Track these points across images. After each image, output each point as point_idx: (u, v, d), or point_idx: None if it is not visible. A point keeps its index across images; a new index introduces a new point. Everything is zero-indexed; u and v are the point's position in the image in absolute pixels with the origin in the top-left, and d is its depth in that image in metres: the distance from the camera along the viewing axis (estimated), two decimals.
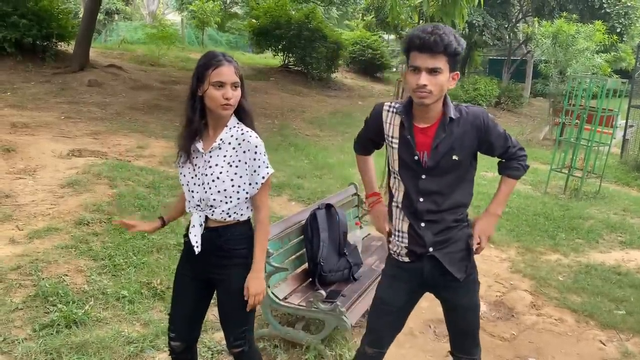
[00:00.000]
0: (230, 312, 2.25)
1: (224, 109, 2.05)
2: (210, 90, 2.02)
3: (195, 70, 2.08)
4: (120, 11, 25.94)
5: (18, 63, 10.99)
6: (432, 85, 1.93)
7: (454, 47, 1.91)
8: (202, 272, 2.23)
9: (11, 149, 6.17)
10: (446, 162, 2.07)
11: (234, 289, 2.18)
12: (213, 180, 2.10)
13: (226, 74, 2.03)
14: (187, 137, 2.12)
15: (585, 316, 4.07)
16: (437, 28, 1.93)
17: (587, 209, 7.02)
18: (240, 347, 2.27)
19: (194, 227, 2.16)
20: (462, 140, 2.07)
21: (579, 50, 13.23)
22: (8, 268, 3.74)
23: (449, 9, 6.27)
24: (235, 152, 2.11)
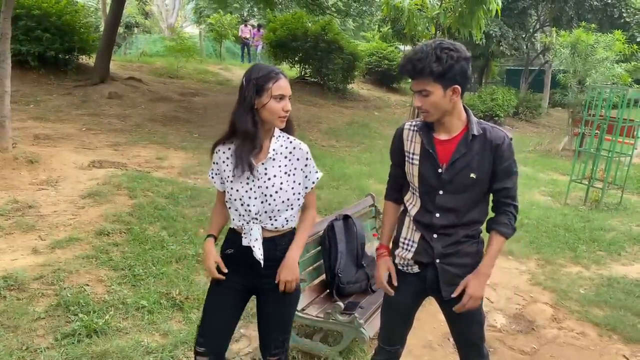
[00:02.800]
0: (275, 320, 2.28)
1: (281, 121, 2.13)
2: (271, 103, 2.08)
3: (252, 83, 2.09)
4: (139, 24, 26.39)
5: (41, 76, 11.23)
6: (427, 106, 2.00)
7: (429, 70, 1.92)
8: (250, 282, 2.25)
9: (34, 160, 6.29)
10: (463, 178, 2.07)
11: (284, 300, 2.23)
12: (276, 192, 2.14)
13: (285, 87, 2.12)
14: (249, 152, 2.10)
15: (607, 330, 3.99)
16: (415, 53, 1.97)
17: (608, 221, 6.91)
18: (279, 355, 2.30)
19: (257, 240, 2.16)
20: (482, 158, 2.06)
21: (599, 60, 13.10)
22: (31, 277, 3.80)
23: (466, 20, 6.28)
24: (289, 161, 2.17)
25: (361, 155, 9.87)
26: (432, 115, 2.03)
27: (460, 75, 1.96)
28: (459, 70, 1.94)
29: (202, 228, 5.04)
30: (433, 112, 2.01)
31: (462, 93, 2.03)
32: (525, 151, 13.20)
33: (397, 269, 2.32)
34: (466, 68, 1.97)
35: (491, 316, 4.13)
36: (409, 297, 2.32)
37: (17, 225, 4.67)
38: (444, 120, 2.06)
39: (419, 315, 3.96)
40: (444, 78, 1.94)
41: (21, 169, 6.05)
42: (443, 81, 1.95)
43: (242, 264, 2.22)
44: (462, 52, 1.96)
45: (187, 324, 3.52)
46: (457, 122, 2.07)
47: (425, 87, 1.97)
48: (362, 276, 3.64)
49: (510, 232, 2.19)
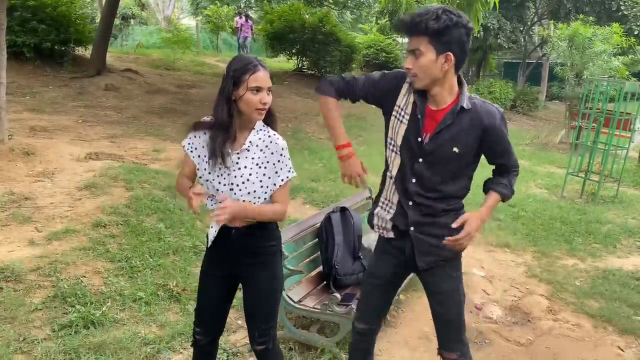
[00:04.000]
0: (258, 308, 2.30)
1: (259, 113, 2.10)
2: (248, 95, 2.06)
3: (230, 75, 2.09)
4: (136, 16, 26.25)
5: (37, 68, 11.16)
6: (416, 68, 1.93)
7: (424, 25, 1.86)
8: (231, 270, 2.28)
9: (30, 152, 6.26)
10: (445, 151, 2.03)
11: (263, 287, 2.25)
12: (243, 182, 2.14)
13: (263, 79, 2.08)
14: (222, 142, 2.09)
15: (603, 322, 4.02)
16: (422, 10, 1.91)
17: (604, 214, 6.94)
18: (265, 344, 2.31)
19: (215, 227, 2.20)
20: (468, 134, 2.02)
21: (596, 53, 13.11)
22: (28, 269, 3.80)
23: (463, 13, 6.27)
24: (263, 153, 2.16)
25: (358, 148, 9.87)
26: (420, 80, 1.96)
27: (456, 44, 1.89)
28: (456, 36, 1.88)
29: (199, 220, 5.04)
30: (422, 76, 1.94)
31: (457, 66, 1.96)
32: (523, 144, 13.21)
33: (381, 238, 2.30)
34: (464, 38, 1.90)
35: (487, 308, 4.15)
36: (390, 267, 2.28)
37: (13, 217, 4.66)
38: (433, 91, 2.00)
39: (414, 307, 3.99)
40: (439, 40, 1.87)
41: (17, 161, 6.02)
42: (437, 44, 1.88)
43: (221, 251, 2.25)
44: (463, 19, 1.89)
45: (184, 315, 3.53)
46: (447, 95, 2.01)
47: (419, 46, 1.90)
48: (359, 268, 3.65)
49: (509, 194, 2.17)
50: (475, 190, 2.34)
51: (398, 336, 3.59)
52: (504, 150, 2.11)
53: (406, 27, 1.92)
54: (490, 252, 5.37)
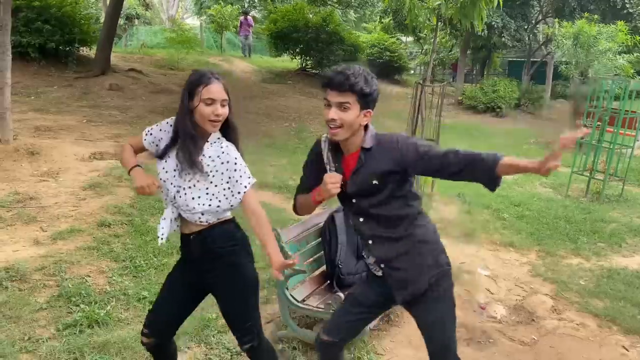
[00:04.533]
0: (232, 310, 2.30)
1: (212, 125, 2.13)
2: (201, 107, 2.09)
3: (186, 87, 2.14)
4: (140, 16, 26.29)
5: (41, 68, 11.21)
6: (341, 120, 2.08)
7: (359, 87, 2.05)
8: (196, 278, 2.29)
9: (35, 152, 6.30)
10: (367, 186, 2.17)
11: (231, 288, 2.26)
12: (189, 187, 2.17)
13: (216, 91, 2.11)
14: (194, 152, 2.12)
15: (607, 321, 4.00)
16: (348, 69, 2.09)
17: (609, 212, 6.91)
18: (250, 342, 2.31)
19: (165, 219, 2.21)
20: (379, 167, 2.13)
21: (601, 51, 13.06)
22: (33, 268, 3.82)
23: (467, 11, 6.21)
24: (213, 162, 2.17)
25: None
26: (343, 132, 2.11)
27: (373, 103, 2.13)
28: (374, 97, 2.12)
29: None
30: (347, 128, 2.10)
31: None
32: (527, 143, 13.17)
33: (369, 273, 2.41)
34: (376, 99, 2.15)
35: (491, 307, 4.14)
36: (373, 295, 2.36)
37: (18, 216, 4.69)
38: (349, 140, 2.16)
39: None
40: (365, 100, 2.08)
41: (22, 161, 6.06)
42: (363, 102, 2.08)
43: (186, 260, 2.30)
44: (377, 84, 2.16)
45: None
46: (357, 140, 2.18)
47: (349, 100, 2.07)
48: (362, 267, 3.64)
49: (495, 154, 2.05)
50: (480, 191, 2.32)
51: (401, 335, 3.59)
52: (432, 157, 2.08)
53: (338, 84, 2.07)
54: (494, 251, 5.36)
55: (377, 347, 3.39)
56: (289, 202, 6.68)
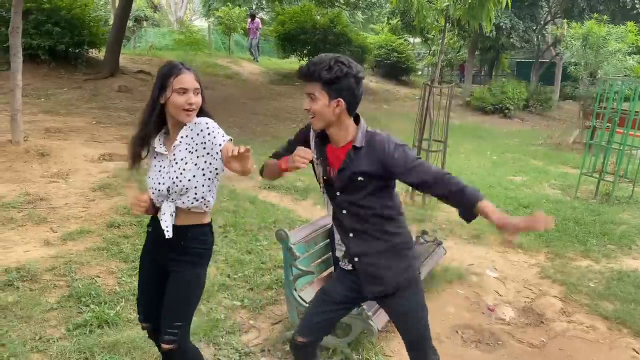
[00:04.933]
0: (172, 304, 2.29)
1: (186, 114, 2.17)
2: (174, 97, 2.14)
3: (158, 79, 2.18)
4: (148, 18, 26.45)
5: (51, 70, 11.31)
6: (313, 110, 2.12)
7: (320, 75, 2.06)
8: (161, 261, 2.34)
9: (45, 153, 6.35)
10: (352, 183, 2.18)
11: (182, 283, 2.28)
12: (181, 173, 2.20)
13: (188, 80, 2.16)
14: (139, 140, 2.22)
15: (617, 324, 3.97)
16: (315, 59, 2.12)
17: (619, 214, 6.86)
18: (171, 343, 2.26)
19: (165, 214, 2.24)
20: (366, 166, 2.14)
21: (611, 52, 12.98)
22: (43, 269, 3.86)
23: (475, 12, 6.20)
24: (192, 139, 2.20)
25: None
26: (317, 121, 2.15)
27: (346, 91, 2.09)
28: (345, 85, 2.08)
29: None
30: (319, 117, 2.13)
31: (349, 110, 2.13)
32: (536, 144, 13.11)
33: (339, 268, 2.44)
34: (353, 86, 2.09)
35: (500, 309, 4.13)
36: (344, 290, 2.37)
37: (29, 217, 4.73)
38: (329, 132, 2.19)
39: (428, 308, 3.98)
40: (331, 88, 2.07)
41: (33, 162, 6.11)
42: (329, 91, 2.08)
43: (154, 242, 2.34)
44: (353, 69, 2.09)
45: (196, 315, 3.51)
46: (345, 134, 2.18)
47: (314, 91, 2.10)
48: None
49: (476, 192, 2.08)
50: (488, 192, 2.31)
51: None
52: (420, 172, 2.11)
53: (304, 74, 2.12)
54: (503, 253, 5.34)
55: (385, 349, 3.39)
56: (298, 203, 6.74)
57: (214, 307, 3.66)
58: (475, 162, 9.74)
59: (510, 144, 12.87)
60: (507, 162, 10.24)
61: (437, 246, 4.54)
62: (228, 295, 3.86)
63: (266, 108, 12.25)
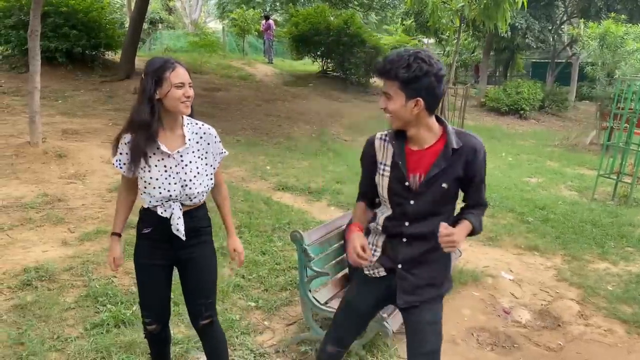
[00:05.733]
0: (203, 285, 2.42)
1: (185, 106, 2.21)
2: (173, 91, 2.16)
3: (150, 75, 2.18)
4: (163, 20, 26.69)
5: (68, 72, 11.46)
6: (388, 109, 2.00)
7: (397, 74, 1.91)
8: (172, 256, 2.36)
9: (63, 154, 6.44)
10: (436, 189, 2.05)
11: (205, 263, 2.40)
12: (195, 177, 2.26)
13: (183, 74, 2.21)
14: (144, 142, 2.18)
15: (636, 327, 3.91)
16: (392, 55, 1.97)
17: (637, 216, 6.76)
18: (212, 317, 2.45)
19: (179, 217, 2.26)
20: (454, 170, 2.03)
21: (629, 52, 12.81)
22: (61, 269, 3.91)
23: (491, 12, 6.18)
24: (201, 145, 2.31)
25: None
26: (395, 120, 2.03)
27: (425, 90, 1.93)
28: (425, 84, 1.92)
29: None
30: (395, 117, 2.01)
31: (428, 109, 1.99)
32: (552, 145, 12.97)
33: (362, 274, 2.30)
34: (434, 84, 1.93)
35: (516, 312, 4.09)
36: (372, 299, 2.29)
37: (47, 218, 4.80)
38: (410, 132, 2.05)
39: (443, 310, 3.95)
40: (408, 87, 1.93)
41: (50, 163, 6.20)
42: (407, 90, 1.93)
43: (161, 240, 2.33)
44: (434, 67, 1.92)
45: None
46: (427, 134, 2.04)
47: (389, 90, 1.97)
48: None
49: (479, 228, 2.13)
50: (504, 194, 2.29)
51: None
52: (479, 184, 2.10)
53: (379, 72, 1.99)
54: (519, 255, 5.29)
55: (399, 351, 3.37)
56: (311, 204, 6.73)
57: (228, 308, 3.68)
58: (491, 164, 9.64)
59: (525, 145, 12.75)
60: (522, 163, 10.14)
61: None
62: (242, 296, 3.88)
63: (280, 109, 12.28)
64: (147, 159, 2.20)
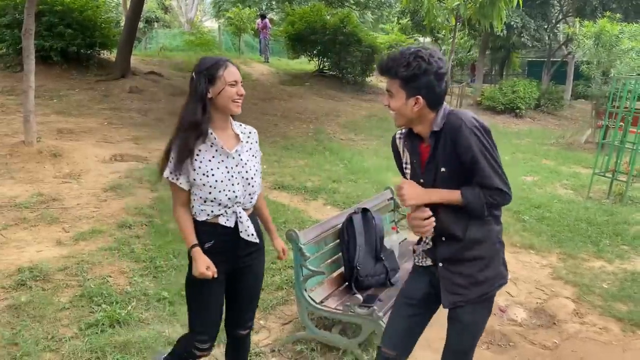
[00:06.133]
0: (256, 293, 2.43)
1: (237, 105, 2.18)
2: (227, 89, 2.13)
3: (203, 73, 2.13)
4: (159, 19, 26.61)
5: (63, 71, 11.40)
6: (392, 107, 2.02)
7: (397, 72, 1.94)
8: (230, 267, 2.30)
9: (57, 154, 6.41)
10: (437, 175, 2.02)
11: (261, 271, 2.41)
12: (254, 174, 2.26)
13: (236, 72, 2.18)
14: (194, 141, 2.12)
15: (631, 325, 3.92)
16: (393, 53, 1.99)
17: (632, 214, 6.78)
18: (251, 327, 2.50)
19: (248, 220, 2.24)
20: (446, 151, 1.98)
21: (624, 51, 12.84)
22: (55, 269, 3.89)
23: (486, 11, 6.18)
24: (251, 144, 2.31)
25: (380, 148, 9.83)
26: (398, 118, 2.05)
27: (425, 88, 1.95)
28: (424, 82, 1.94)
29: None
30: (398, 115, 2.03)
31: (430, 106, 1.98)
32: (547, 144, 13.00)
33: (414, 264, 2.31)
34: (433, 83, 1.95)
35: (511, 310, 4.09)
36: (424, 286, 2.25)
37: (41, 217, 4.77)
38: (416, 130, 2.07)
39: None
40: (408, 85, 1.96)
41: (45, 163, 6.17)
42: (407, 88, 1.96)
43: (222, 252, 2.25)
44: (434, 65, 1.93)
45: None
46: (429, 126, 2.03)
47: (392, 88, 2.01)
48: (380, 269, 3.63)
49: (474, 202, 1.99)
50: None
51: (421, 338, 3.56)
52: (475, 165, 1.95)
53: (381, 70, 2.02)
54: (514, 253, 5.30)
55: None
56: (307, 203, 6.72)
57: None
58: None
59: (521, 143, 12.77)
60: (518, 161, 10.16)
61: None
62: None
63: (276, 108, 12.26)
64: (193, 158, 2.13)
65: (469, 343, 2.21)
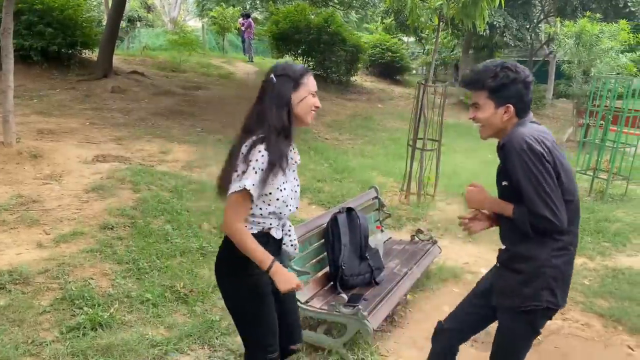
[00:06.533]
0: (296, 302, 2.42)
1: (312, 116, 2.11)
2: (309, 98, 2.06)
3: (289, 78, 2.03)
4: (142, 18, 26.33)
5: (44, 71, 11.23)
6: (478, 119, 2.09)
7: (485, 83, 2.02)
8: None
9: (38, 155, 6.30)
10: (500, 188, 2.13)
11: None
12: (298, 186, 2.23)
13: (315, 83, 2.11)
14: (287, 148, 2.03)
15: (613, 321, 3.98)
16: (479, 66, 2.09)
17: (613, 212, 6.88)
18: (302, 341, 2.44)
19: (294, 233, 2.26)
20: (505, 166, 2.06)
21: (604, 50, 13.02)
22: (36, 271, 3.82)
23: (469, 11, 6.20)
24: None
25: (364, 148, 9.85)
26: (485, 130, 2.12)
27: (514, 97, 2.03)
28: (513, 90, 2.02)
29: (205, 222, 5.05)
30: (486, 127, 2.10)
31: (519, 115, 2.06)
32: None
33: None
34: (522, 91, 2.03)
35: None
36: (487, 282, 2.37)
37: (21, 219, 4.69)
38: (502, 141, 2.09)
39: (422, 307, 3.98)
40: (496, 95, 2.02)
41: (25, 164, 6.06)
42: (496, 98, 2.03)
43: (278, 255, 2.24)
44: (521, 74, 2.02)
45: (191, 316, 3.54)
46: None
47: (478, 100, 2.07)
48: (365, 268, 3.64)
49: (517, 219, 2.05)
50: None
51: (405, 337, 3.58)
52: (517, 185, 2.00)
53: (467, 83, 2.10)
54: (497, 251, 5.34)
55: (380, 349, 3.38)
56: None
57: (208, 309, 3.65)
58: (470, 161, 9.75)
59: None
60: None
61: (432, 245, 4.54)
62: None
63: None
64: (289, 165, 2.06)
65: (506, 350, 2.27)
